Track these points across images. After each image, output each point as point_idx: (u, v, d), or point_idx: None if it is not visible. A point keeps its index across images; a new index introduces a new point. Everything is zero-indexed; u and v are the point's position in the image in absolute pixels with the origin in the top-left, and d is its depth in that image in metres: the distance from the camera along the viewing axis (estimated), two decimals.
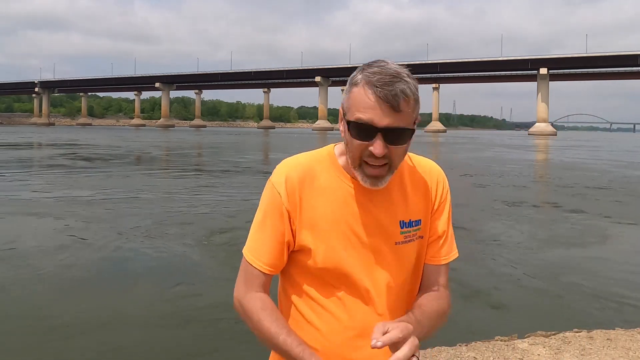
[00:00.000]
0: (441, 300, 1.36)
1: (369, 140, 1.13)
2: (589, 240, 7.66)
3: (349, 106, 1.16)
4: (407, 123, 1.14)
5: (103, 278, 5.59)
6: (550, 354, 3.38)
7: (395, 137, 1.13)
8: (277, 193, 1.24)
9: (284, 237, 1.25)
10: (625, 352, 3.41)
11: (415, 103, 1.15)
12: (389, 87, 1.10)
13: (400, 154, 1.18)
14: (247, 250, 1.29)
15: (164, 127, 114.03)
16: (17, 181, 13.91)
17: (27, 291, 5.11)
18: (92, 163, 20.63)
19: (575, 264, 6.30)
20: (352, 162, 1.19)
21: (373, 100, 1.11)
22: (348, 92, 1.18)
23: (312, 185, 1.25)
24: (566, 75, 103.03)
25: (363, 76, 1.14)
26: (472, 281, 5.58)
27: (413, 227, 1.29)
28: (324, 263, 1.23)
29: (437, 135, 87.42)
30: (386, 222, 1.26)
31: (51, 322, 4.29)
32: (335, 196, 1.24)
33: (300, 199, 1.24)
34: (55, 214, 8.92)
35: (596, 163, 24.30)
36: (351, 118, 1.14)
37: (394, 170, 1.20)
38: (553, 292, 5.29)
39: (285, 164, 1.29)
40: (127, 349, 3.85)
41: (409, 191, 1.31)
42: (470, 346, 3.54)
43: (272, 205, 1.25)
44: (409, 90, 1.12)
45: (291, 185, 1.24)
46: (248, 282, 1.27)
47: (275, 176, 1.28)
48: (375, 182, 1.18)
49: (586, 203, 11.26)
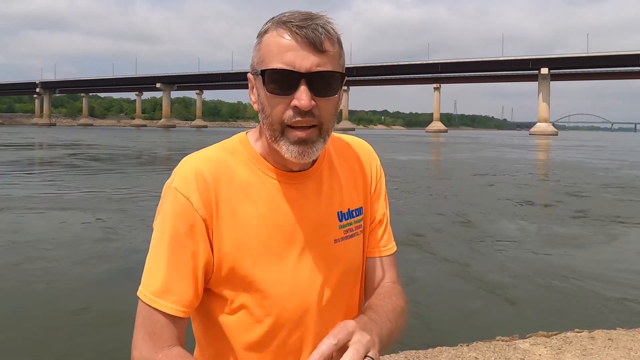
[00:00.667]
0: (394, 297, 1.07)
1: (290, 92, 0.90)
2: (591, 240, 7.65)
3: (261, 58, 0.93)
4: (335, 66, 0.92)
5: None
6: (551, 354, 3.37)
7: (322, 85, 0.91)
8: (184, 199, 0.93)
9: (198, 260, 0.94)
10: (626, 352, 3.41)
11: (340, 47, 0.95)
12: (307, 22, 0.90)
13: (331, 111, 0.94)
14: (146, 291, 0.93)
15: (165, 128, 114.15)
16: (42, 180, 14.18)
17: (73, 280, 5.41)
18: (106, 163, 21.11)
19: (577, 264, 6.29)
20: (272, 133, 0.94)
21: (290, 39, 0.90)
22: (257, 45, 0.96)
23: (230, 184, 0.97)
24: (567, 75, 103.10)
25: (272, 22, 0.94)
26: (473, 281, 5.58)
27: (354, 218, 1.07)
28: (251, 286, 0.96)
29: (439, 135, 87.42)
30: (322, 217, 1.03)
31: (97, 310, 4.52)
32: (259, 195, 0.98)
33: (216, 202, 0.95)
34: (89, 209, 9.40)
35: (601, 162, 24.26)
36: (266, 68, 0.92)
37: (325, 137, 0.96)
38: (554, 291, 5.28)
39: (190, 160, 0.98)
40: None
41: (341, 175, 1.08)
42: (471, 346, 3.54)
43: (179, 218, 0.93)
44: (332, 30, 0.92)
45: (204, 185, 0.94)
46: (155, 336, 0.92)
47: (178, 177, 0.96)
48: (304, 149, 0.93)
49: (591, 203, 11.24)
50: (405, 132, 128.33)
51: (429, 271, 5.98)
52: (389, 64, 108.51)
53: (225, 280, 0.96)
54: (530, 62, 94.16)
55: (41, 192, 11.57)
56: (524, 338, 3.68)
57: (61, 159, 22.35)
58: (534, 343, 3.57)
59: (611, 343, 3.56)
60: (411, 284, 5.36)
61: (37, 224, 8.17)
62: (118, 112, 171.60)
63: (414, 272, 5.82)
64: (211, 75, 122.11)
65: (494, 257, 6.55)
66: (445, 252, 6.76)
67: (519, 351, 3.42)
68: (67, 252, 6.40)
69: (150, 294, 0.92)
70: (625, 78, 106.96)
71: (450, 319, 4.51)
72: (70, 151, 27.75)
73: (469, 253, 6.70)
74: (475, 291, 5.28)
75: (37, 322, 4.29)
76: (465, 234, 7.85)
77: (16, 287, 5.11)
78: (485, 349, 3.48)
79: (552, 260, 6.44)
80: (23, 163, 20.05)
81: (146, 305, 0.93)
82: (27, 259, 6.09)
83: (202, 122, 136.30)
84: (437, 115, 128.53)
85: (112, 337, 3.94)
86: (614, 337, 3.67)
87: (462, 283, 5.52)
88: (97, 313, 4.52)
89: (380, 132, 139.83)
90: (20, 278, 5.40)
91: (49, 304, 4.71)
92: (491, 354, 3.39)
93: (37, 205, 9.68)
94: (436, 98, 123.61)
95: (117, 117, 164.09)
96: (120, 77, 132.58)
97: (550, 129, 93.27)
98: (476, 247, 7.04)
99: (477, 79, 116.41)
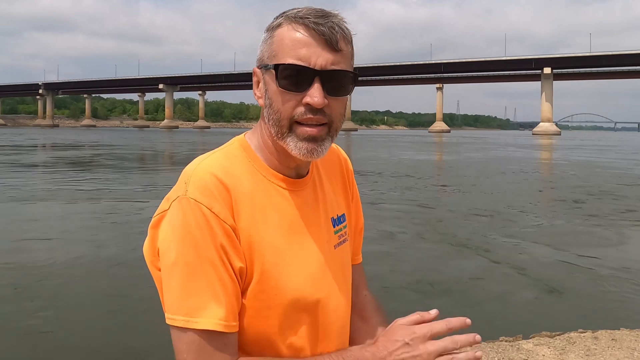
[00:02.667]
0: (382, 309, 1.14)
1: (303, 89, 0.88)
2: (597, 240, 7.63)
3: (274, 52, 0.90)
4: (348, 66, 0.91)
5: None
6: (555, 354, 3.37)
7: (336, 84, 0.89)
8: (208, 210, 0.86)
9: (232, 270, 0.88)
10: (630, 352, 3.40)
11: (352, 48, 0.93)
12: (324, 20, 0.88)
13: (341, 111, 0.93)
14: (184, 314, 0.84)
15: (167, 129, 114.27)
16: (102, 178, 14.52)
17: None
18: (142, 162, 22.08)
19: (581, 264, 6.28)
20: (279, 129, 0.91)
21: (307, 35, 0.87)
22: (268, 38, 0.92)
23: (241, 192, 0.92)
24: (570, 75, 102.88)
25: (286, 17, 0.91)
26: (474, 280, 5.57)
27: (342, 224, 1.07)
28: (274, 290, 0.91)
29: (442, 136, 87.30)
30: (323, 223, 1.02)
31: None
32: (269, 202, 0.94)
33: (237, 210, 0.90)
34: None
35: (617, 162, 24.20)
36: (279, 62, 0.89)
37: (333, 137, 0.94)
38: (558, 292, 5.27)
39: (201, 167, 0.92)
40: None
41: (327, 181, 1.08)
42: (474, 346, 3.53)
43: (204, 231, 0.85)
44: (346, 29, 0.91)
45: (225, 193, 0.89)
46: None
47: (194, 187, 0.88)
48: (313, 146, 0.90)
49: (601, 204, 11.21)
50: (409, 133, 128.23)
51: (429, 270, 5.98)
52: (392, 64, 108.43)
53: (254, 288, 0.91)
54: (533, 61, 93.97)
55: (119, 187, 12.47)
56: (528, 338, 3.67)
57: (93, 158, 22.97)
58: (537, 343, 3.56)
59: (615, 343, 3.55)
60: (416, 282, 5.35)
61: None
62: (121, 113, 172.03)
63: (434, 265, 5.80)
64: (214, 76, 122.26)
65: (494, 255, 6.53)
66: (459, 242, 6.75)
67: (522, 351, 3.41)
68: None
69: (191, 317, 0.84)
70: (628, 77, 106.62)
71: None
72: (95, 151, 28.20)
73: (478, 251, 6.69)
74: (475, 291, 5.28)
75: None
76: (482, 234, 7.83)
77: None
78: (488, 349, 3.47)
79: (555, 260, 6.43)
80: (65, 162, 20.54)
81: (190, 330, 0.83)
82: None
83: (204, 123, 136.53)
84: (439, 116, 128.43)
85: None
86: (617, 338, 3.66)
87: (464, 283, 5.52)
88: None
89: (383, 132, 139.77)
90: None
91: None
92: (494, 354, 3.39)
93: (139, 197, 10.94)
94: (439, 98, 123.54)
95: (119, 118, 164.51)
96: (123, 78, 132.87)
97: (554, 129, 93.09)
98: (484, 244, 7.02)
99: (480, 79, 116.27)
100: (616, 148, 43.08)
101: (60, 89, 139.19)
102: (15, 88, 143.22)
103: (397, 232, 7.89)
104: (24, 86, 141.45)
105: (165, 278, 0.87)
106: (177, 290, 0.85)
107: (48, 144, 37.25)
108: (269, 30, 0.93)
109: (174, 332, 0.85)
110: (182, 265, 0.85)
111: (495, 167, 20.47)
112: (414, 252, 6.73)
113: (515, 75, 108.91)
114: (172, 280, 0.86)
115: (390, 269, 5.96)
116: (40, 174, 16.37)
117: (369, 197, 11.03)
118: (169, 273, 0.86)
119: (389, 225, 8.33)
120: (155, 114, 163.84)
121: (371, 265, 6.03)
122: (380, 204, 10.46)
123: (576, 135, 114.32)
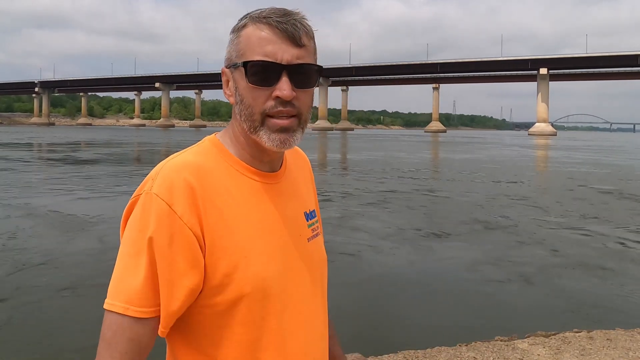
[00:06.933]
0: (331, 323, 1.18)
1: (272, 83, 0.92)
2: (593, 242, 7.66)
3: (241, 51, 0.95)
4: (312, 60, 0.97)
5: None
6: (550, 354, 3.38)
7: (302, 77, 0.94)
8: (167, 206, 0.87)
9: (176, 273, 0.87)
10: (625, 352, 3.41)
11: (314, 43, 0.99)
12: (286, 18, 0.93)
13: (309, 103, 0.98)
14: (108, 297, 0.88)
15: (164, 127, 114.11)
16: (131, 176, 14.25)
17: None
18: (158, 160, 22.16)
19: (577, 264, 6.30)
20: (252, 124, 0.95)
21: (271, 34, 0.93)
22: (234, 39, 0.98)
23: (212, 189, 0.92)
24: (566, 76, 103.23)
25: (250, 18, 0.96)
26: (473, 280, 5.58)
27: (315, 218, 1.10)
28: (246, 289, 0.91)
29: (438, 135, 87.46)
30: (298, 216, 1.05)
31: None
32: (242, 197, 0.95)
33: (204, 209, 0.90)
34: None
35: (610, 162, 24.28)
36: (247, 60, 0.94)
37: (303, 127, 0.98)
38: (553, 292, 5.29)
39: (169, 165, 0.93)
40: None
41: (298, 176, 1.12)
42: (470, 346, 3.54)
43: (160, 226, 0.87)
44: (308, 25, 0.96)
45: (189, 192, 0.89)
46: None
47: (159, 183, 0.90)
48: (285, 137, 0.94)
49: (597, 208, 11.25)
50: (405, 132, 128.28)
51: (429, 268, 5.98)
52: (388, 64, 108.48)
53: (219, 289, 0.90)
54: (530, 62, 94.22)
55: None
56: (523, 338, 3.69)
57: (107, 157, 23.25)
58: (532, 343, 3.57)
59: (610, 343, 3.57)
60: (416, 282, 5.36)
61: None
62: (117, 112, 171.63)
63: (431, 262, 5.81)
64: (210, 75, 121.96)
65: (494, 255, 6.55)
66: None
67: (518, 351, 3.42)
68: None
69: (118, 301, 0.86)
70: (624, 78, 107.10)
71: (449, 318, 4.51)
72: (107, 150, 28.37)
73: (476, 249, 6.70)
74: (474, 291, 5.29)
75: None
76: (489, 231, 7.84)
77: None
78: (484, 348, 3.48)
79: (552, 260, 6.45)
80: (85, 161, 20.78)
81: (114, 314, 0.86)
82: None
83: (201, 122, 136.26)
84: (436, 116, 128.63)
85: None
86: (612, 337, 3.67)
87: (463, 282, 5.52)
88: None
89: (379, 132, 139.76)
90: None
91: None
92: (490, 353, 3.39)
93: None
94: (435, 98, 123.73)
95: (116, 117, 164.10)
96: (119, 77, 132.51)
97: (549, 129, 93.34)
98: (484, 242, 7.03)
99: (476, 79, 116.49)
100: (622, 148, 43.25)
101: (57, 87, 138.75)
102: (11, 86, 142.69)
103: (397, 227, 7.91)
104: (20, 84, 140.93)
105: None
106: (116, 277, 0.89)
107: (50, 142, 37.08)
108: (234, 31, 0.98)
109: (107, 318, 0.88)
110: (129, 256, 0.88)
111: (495, 170, 20.46)
112: (408, 250, 6.74)
113: (511, 75, 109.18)
114: (117, 267, 0.90)
115: (389, 268, 5.96)
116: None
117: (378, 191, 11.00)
118: (118, 258, 0.90)
119: (388, 222, 8.33)
120: (151, 112, 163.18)
121: (367, 258, 6.03)
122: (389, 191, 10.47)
123: (572, 135, 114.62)
